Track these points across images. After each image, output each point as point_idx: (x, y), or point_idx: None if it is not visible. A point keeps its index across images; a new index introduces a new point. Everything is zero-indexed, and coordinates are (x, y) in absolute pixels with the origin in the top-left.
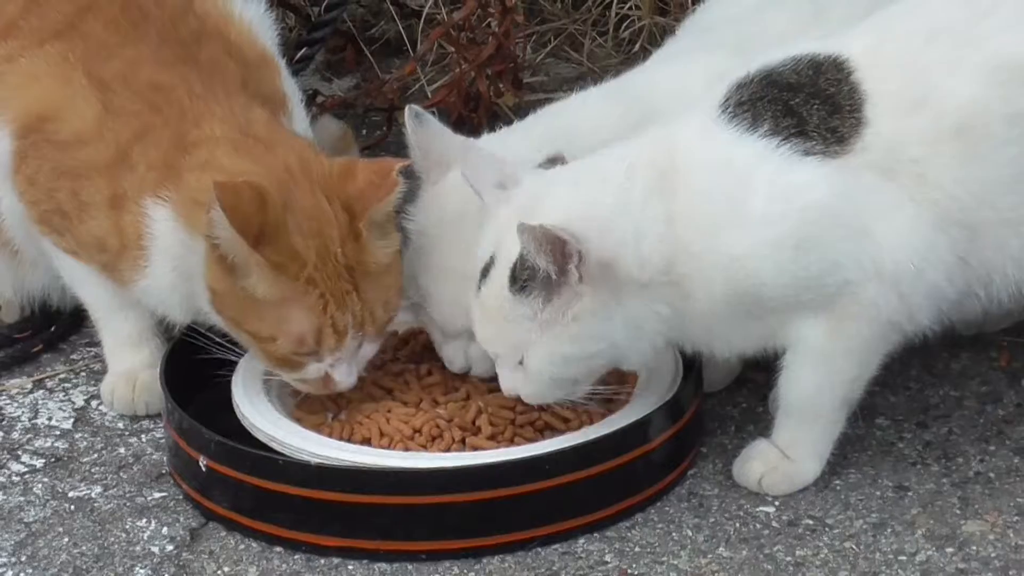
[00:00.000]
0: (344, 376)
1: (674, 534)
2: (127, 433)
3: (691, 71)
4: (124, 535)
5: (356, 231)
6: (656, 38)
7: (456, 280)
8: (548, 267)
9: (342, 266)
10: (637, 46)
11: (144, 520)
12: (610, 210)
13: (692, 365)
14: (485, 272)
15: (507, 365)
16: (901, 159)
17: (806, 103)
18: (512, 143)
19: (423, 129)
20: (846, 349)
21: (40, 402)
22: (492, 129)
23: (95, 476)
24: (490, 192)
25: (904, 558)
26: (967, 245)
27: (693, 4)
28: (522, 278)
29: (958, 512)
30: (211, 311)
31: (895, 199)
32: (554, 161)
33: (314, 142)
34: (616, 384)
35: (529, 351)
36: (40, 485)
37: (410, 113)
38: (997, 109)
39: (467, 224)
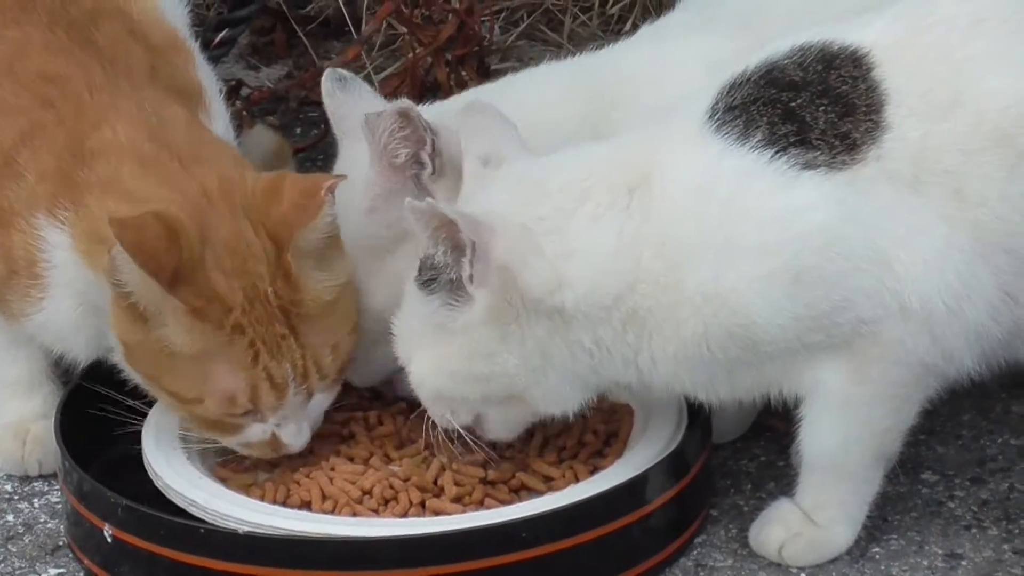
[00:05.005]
0: (293, 436)
1: None
2: (16, 497)
3: (681, 52)
4: None
5: (285, 265)
6: (652, 14)
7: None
8: (442, 257)
9: (274, 307)
10: (628, 24)
11: None
12: (539, 222)
13: (699, 410)
14: None
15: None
16: (931, 170)
17: (810, 104)
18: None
19: (346, 94)
20: (872, 396)
21: None
22: None
23: None
24: (471, 162)
25: None
26: (1015, 278)
27: None
28: (426, 276)
29: None
30: (124, 366)
31: (921, 220)
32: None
33: (237, 148)
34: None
35: (414, 355)
36: None
37: (332, 75)
38: None
39: None
